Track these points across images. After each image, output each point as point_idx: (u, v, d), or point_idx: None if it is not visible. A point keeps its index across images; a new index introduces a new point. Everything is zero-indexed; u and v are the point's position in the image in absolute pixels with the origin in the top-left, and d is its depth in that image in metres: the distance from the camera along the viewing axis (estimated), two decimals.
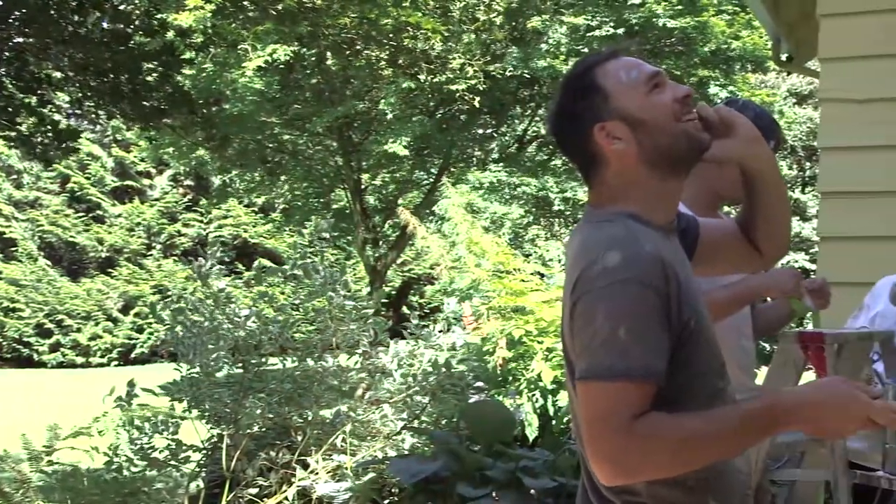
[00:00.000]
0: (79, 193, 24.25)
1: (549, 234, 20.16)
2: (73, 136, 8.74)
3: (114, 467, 5.11)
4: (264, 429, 5.50)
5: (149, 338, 22.37)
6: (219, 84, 13.53)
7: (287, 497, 5.02)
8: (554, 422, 5.90)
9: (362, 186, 15.54)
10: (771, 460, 2.83)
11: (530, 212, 19.38)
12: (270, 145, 15.11)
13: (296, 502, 5.05)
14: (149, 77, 8.51)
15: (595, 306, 1.52)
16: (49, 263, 23.63)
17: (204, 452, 5.44)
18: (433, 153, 15.66)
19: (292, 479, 5.10)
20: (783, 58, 5.98)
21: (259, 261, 8.25)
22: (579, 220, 1.76)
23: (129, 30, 8.59)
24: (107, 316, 22.96)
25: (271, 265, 6.36)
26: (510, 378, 8.06)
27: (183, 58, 9.38)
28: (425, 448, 5.37)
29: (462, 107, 14.39)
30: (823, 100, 4.46)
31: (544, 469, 4.48)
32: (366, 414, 5.63)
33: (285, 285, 6.50)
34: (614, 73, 1.67)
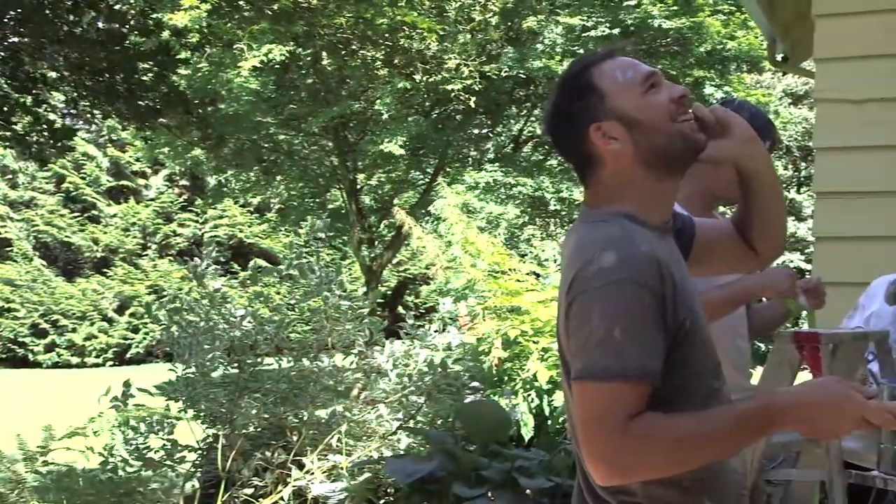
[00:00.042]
0: (74, 193, 24.24)
1: (544, 235, 20.16)
2: (69, 134, 8.72)
3: (109, 467, 5.11)
4: (260, 429, 5.50)
5: (144, 338, 22.37)
6: (214, 84, 13.50)
7: (282, 497, 5.02)
8: (549, 422, 5.90)
9: (358, 186, 15.52)
10: (766, 460, 2.83)
11: (526, 212, 19.36)
12: (266, 145, 15.08)
13: (291, 502, 5.04)
14: (144, 77, 8.49)
15: (591, 306, 1.52)
16: (44, 263, 23.62)
17: (199, 452, 5.44)
18: (429, 153, 15.64)
19: (288, 480, 5.10)
20: (779, 58, 5.98)
21: (255, 261, 8.27)
22: (575, 220, 1.76)
23: (125, 29, 8.58)
24: (102, 316, 22.95)
25: (267, 265, 6.37)
26: (506, 378, 8.08)
27: (178, 58, 9.36)
28: (421, 448, 5.37)
29: (458, 107, 14.36)
30: (819, 100, 4.46)
31: (540, 469, 4.48)
32: (361, 414, 5.63)
33: (281, 285, 6.51)
34: (610, 73, 1.67)
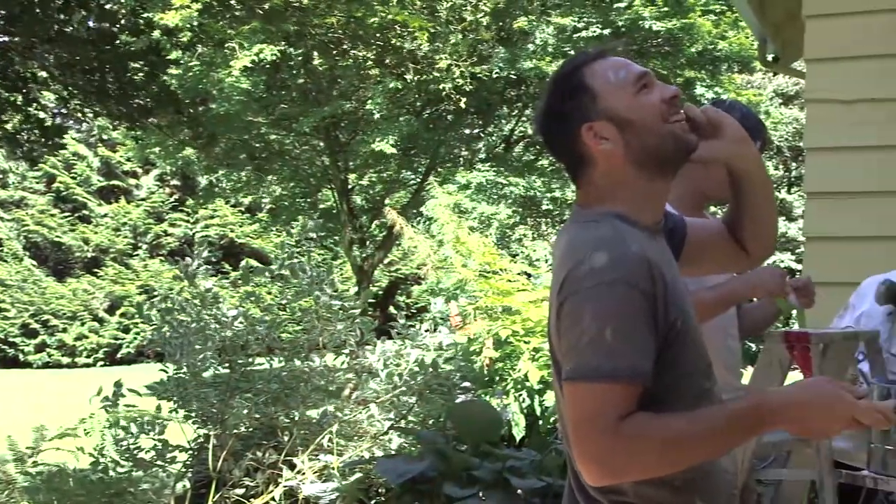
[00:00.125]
0: (64, 193, 24.18)
1: (536, 235, 20.15)
2: (59, 132, 8.70)
3: (100, 468, 5.09)
4: (251, 429, 5.49)
5: (135, 338, 22.30)
6: (205, 83, 13.47)
7: (274, 497, 5.02)
8: (541, 422, 5.90)
9: (349, 186, 15.51)
10: (757, 460, 2.83)
11: (517, 212, 19.36)
12: (257, 145, 15.06)
13: (282, 502, 5.04)
14: (135, 76, 8.48)
15: (582, 307, 1.52)
16: (35, 263, 23.55)
17: (190, 453, 5.43)
18: (420, 153, 15.63)
19: (279, 480, 5.10)
20: (769, 58, 5.99)
21: (246, 261, 8.26)
22: (566, 220, 1.76)
23: (116, 29, 8.57)
24: (93, 316, 22.89)
25: (258, 265, 6.36)
26: (497, 378, 8.08)
27: (169, 57, 9.37)
28: (412, 448, 5.37)
29: (449, 107, 14.37)
30: (809, 100, 4.48)
31: (531, 469, 4.48)
32: (352, 414, 5.63)
33: (272, 285, 6.50)
34: (602, 74, 1.67)
